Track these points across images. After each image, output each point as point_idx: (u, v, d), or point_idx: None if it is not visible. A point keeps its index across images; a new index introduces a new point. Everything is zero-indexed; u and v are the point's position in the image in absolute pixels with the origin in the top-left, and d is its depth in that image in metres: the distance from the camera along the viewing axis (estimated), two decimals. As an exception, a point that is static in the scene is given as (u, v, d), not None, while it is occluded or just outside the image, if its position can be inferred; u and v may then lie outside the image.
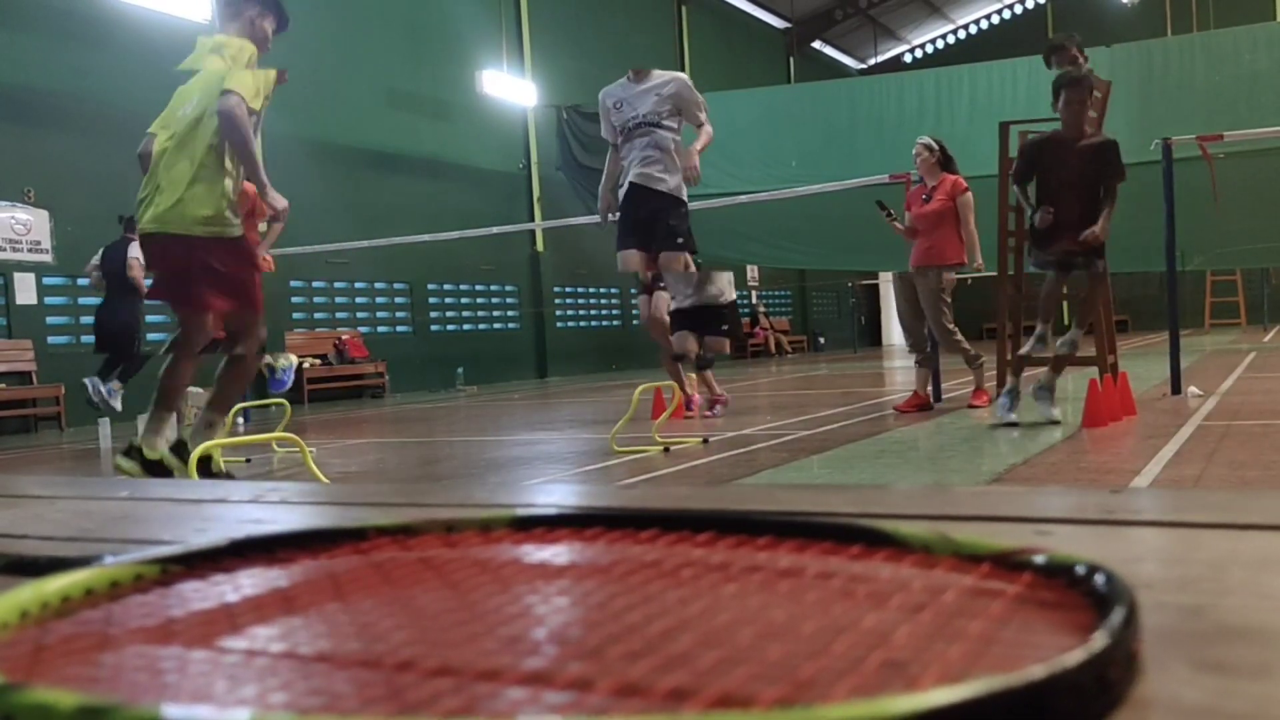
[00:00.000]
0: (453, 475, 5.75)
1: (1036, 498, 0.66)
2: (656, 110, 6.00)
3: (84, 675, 0.34)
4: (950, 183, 7.27)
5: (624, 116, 6.07)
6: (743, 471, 5.09)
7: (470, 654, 0.34)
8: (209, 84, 4.19)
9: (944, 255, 7.20)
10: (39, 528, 0.73)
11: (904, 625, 0.34)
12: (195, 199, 4.09)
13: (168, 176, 4.12)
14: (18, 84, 11.35)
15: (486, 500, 0.77)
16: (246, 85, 4.10)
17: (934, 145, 7.38)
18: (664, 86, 6.04)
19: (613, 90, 6.25)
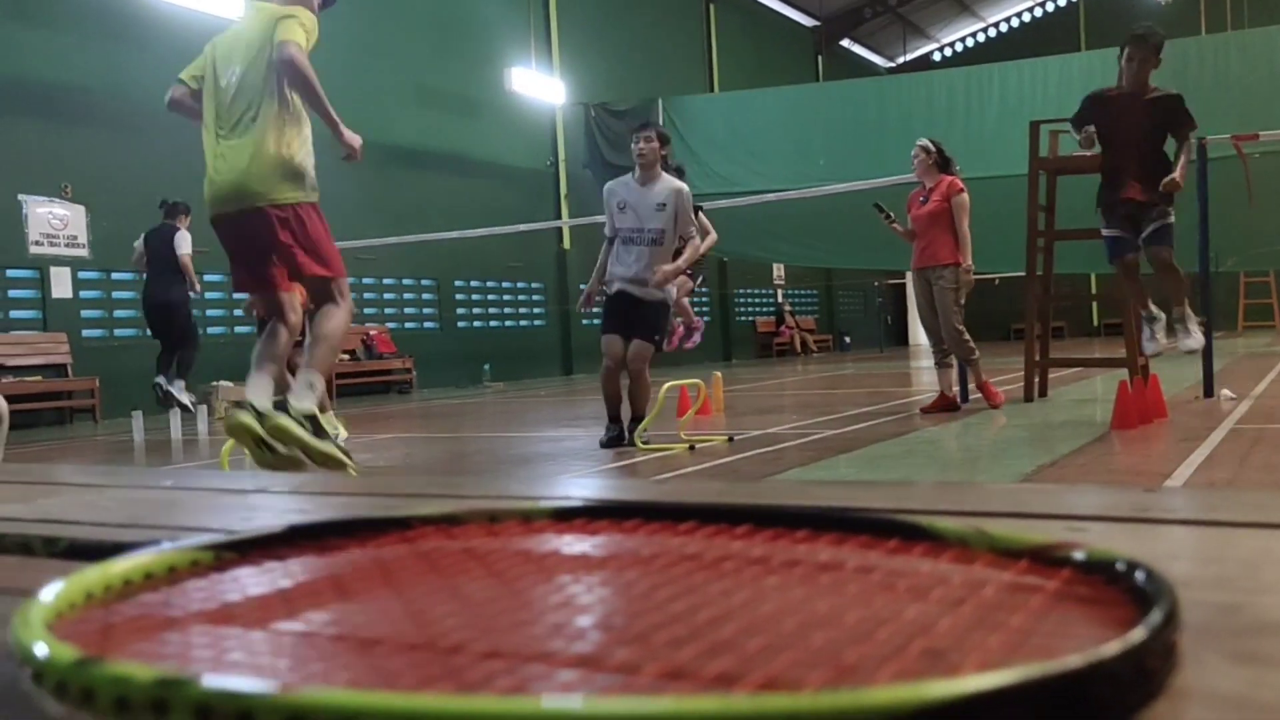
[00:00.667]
0: (480, 470, 5.79)
1: (1070, 495, 0.66)
2: (659, 224, 6.12)
3: (152, 652, 0.35)
4: (946, 184, 7.25)
5: (627, 222, 6.17)
6: (769, 469, 5.09)
7: (519, 639, 0.35)
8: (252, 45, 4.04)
9: (938, 256, 7.18)
10: (91, 514, 0.75)
11: (944, 617, 0.35)
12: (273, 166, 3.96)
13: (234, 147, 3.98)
14: (56, 81, 11.49)
15: (524, 493, 0.78)
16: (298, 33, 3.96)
17: (931, 147, 7.38)
18: (667, 198, 6.13)
19: (616, 189, 6.32)
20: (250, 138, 3.99)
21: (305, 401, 3.98)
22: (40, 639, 0.33)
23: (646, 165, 6.16)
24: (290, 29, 3.98)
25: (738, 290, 23.30)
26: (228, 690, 0.28)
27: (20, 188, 11.23)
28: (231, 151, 4.02)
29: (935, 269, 7.19)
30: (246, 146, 3.99)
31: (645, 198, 6.14)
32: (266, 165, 3.98)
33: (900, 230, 7.49)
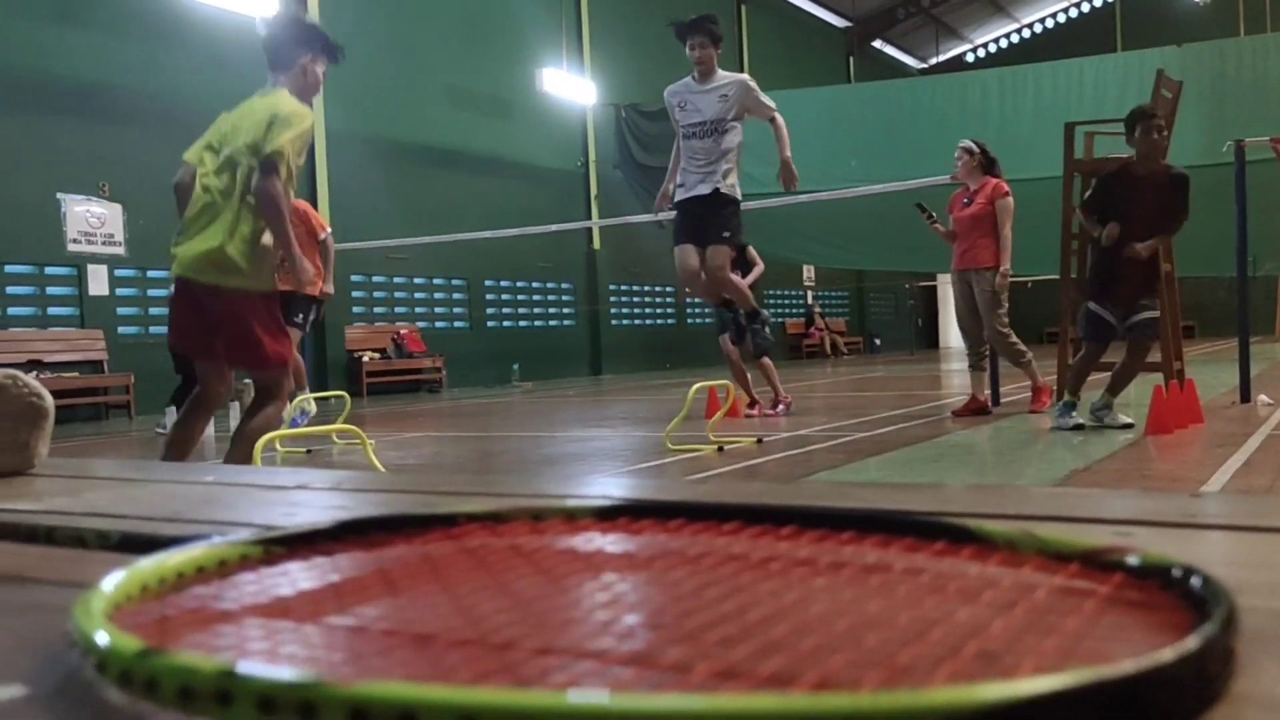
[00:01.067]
0: (509, 470, 5.81)
1: (1115, 499, 0.66)
2: (721, 113, 6.07)
3: (209, 644, 0.36)
4: (991, 186, 7.17)
5: (689, 117, 6.15)
6: (799, 472, 5.08)
7: (571, 636, 0.36)
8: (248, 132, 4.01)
9: (978, 259, 7.10)
10: (136, 508, 0.76)
11: (997, 619, 0.35)
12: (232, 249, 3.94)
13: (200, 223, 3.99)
14: (95, 81, 11.64)
15: (565, 491, 0.78)
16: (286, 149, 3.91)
17: (974, 148, 7.29)
18: (728, 89, 6.09)
19: (677, 89, 6.35)
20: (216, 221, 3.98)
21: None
22: (104, 629, 0.33)
23: (704, 70, 6.20)
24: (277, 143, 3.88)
25: (768, 291, 23.24)
26: (290, 682, 0.28)
27: (59, 186, 11.38)
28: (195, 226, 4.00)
29: (976, 272, 7.12)
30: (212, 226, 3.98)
31: (706, 93, 6.15)
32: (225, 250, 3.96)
33: (941, 231, 7.42)
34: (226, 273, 3.96)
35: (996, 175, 7.29)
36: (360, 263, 14.27)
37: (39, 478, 0.97)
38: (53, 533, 0.53)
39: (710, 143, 6.10)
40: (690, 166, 6.19)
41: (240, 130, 4.05)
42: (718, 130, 6.10)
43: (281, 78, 4.13)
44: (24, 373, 1.02)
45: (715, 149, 6.10)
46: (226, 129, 4.13)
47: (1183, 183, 5.82)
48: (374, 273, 15.10)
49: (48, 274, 11.51)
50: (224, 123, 4.18)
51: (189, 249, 4.02)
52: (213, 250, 3.95)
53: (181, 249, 4.05)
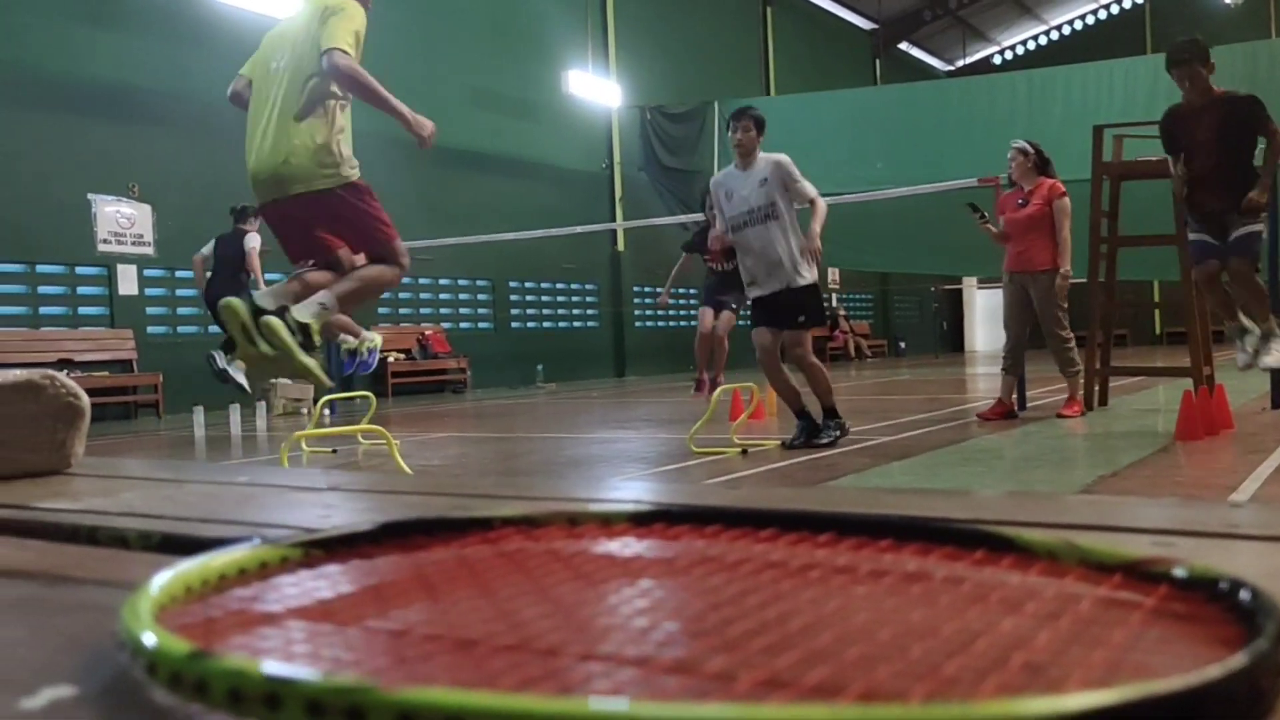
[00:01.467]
0: (534, 471, 5.82)
1: (1154, 509, 0.65)
2: (764, 199, 6.04)
3: (255, 646, 0.36)
4: (1047, 186, 7.09)
5: (735, 208, 6.11)
6: (823, 476, 5.06)
7: (612, 643, 0.36)
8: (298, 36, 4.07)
9: (1035, 261, 7.03)
10: (172, 508, 0.77)
11: (1042, 631, 0.35)
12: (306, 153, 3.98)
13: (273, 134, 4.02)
14: (126, 83, 11.76)
15: (598, 495, 0.78)
16: (345, 37, 3.94)
17: (1029, 148, 7.20)
18: (765, 171, 6.06)
19: (721, 179, 6.31)
20: (287, 127, 4.03)
21: (305, 313, 3.97)
22: (152, 631, 0.33)
23: (745, 153, 6.15)
24: (336, 33, 3.93)
25: (792, 294, 23.16)
26: (340, 686, 0.28)
27: (90, 187, 11.50)
28: (270, 139, 4.06)
29: (1033, 274, 7.04)
30: (284, 135, 4.02)
31: (748, 179, 6.10)
32: (303, 154, 4.00)
33: (993, 232, 7.34)
34: (311, 178, 4.00)
35: (1051, 175, 7.21)
36: (386, 264, 14.31)
37: (76, 477, 0.99)
38: (95, 533, 0.54)
39: (764, 229, 6.04)
40: (751, 262, 6.11)
41: (286, 40, 4.10)
42: (770, 215, 6.05)
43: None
44: (56, 372, 1.03)
45: (772, 235, 6.03)
46: (276, 37, 4.18)
47: (1246, 101, 5.92)
48: (399, 274, 15.15)
49: (79, 274, 11.63)
50: (273, 35, 4.23)
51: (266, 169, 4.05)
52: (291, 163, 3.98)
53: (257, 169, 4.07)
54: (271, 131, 4.06)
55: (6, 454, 0.96)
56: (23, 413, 0.97)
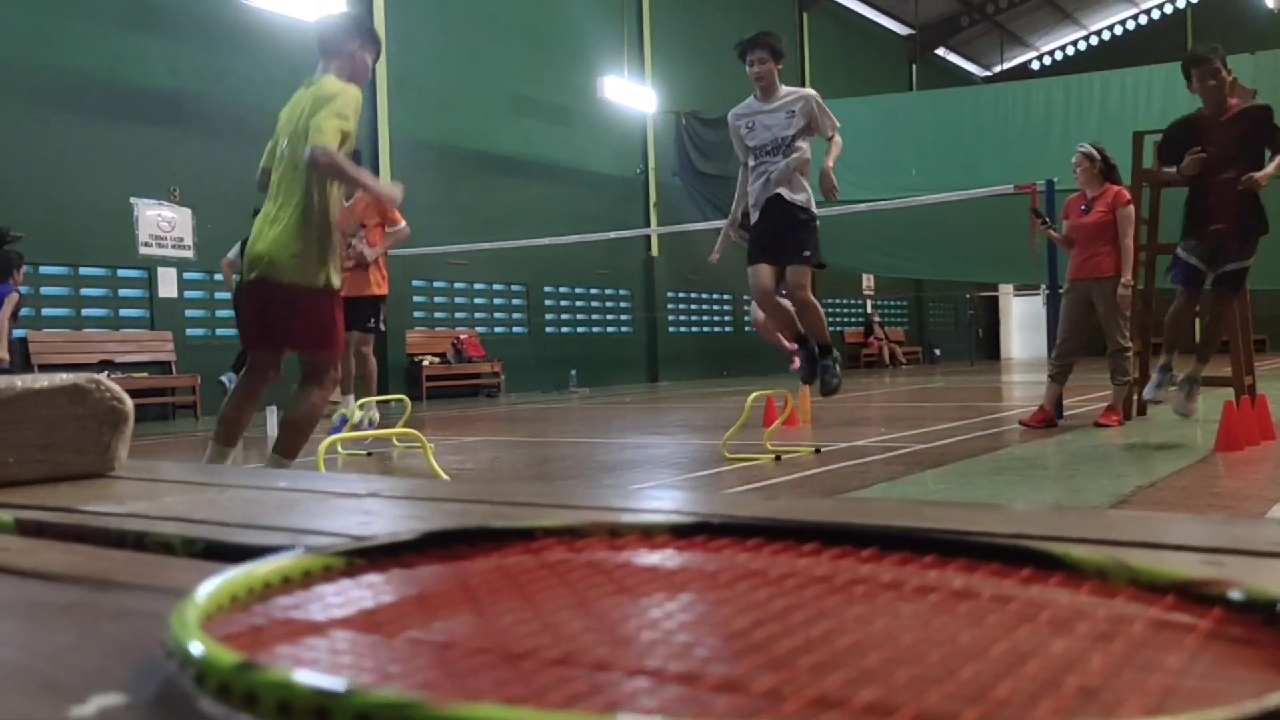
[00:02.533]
0: (567, 476, 5.83)
1: (1203, 525, 0.64)
2: (789, 129, 5.90)
3: (302, 657, 0.36)
4: (1113, 194, 7.00)
5: (756, 137, 5.99)
6: (856, 483, 5.03)
7: (657, 658, 0.35)
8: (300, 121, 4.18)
9: (1101, 268, 6.95)
10: (214, 513, 0.77)
11: (1094, 653, 0.34)
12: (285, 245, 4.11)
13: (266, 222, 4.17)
14: (167, 89, 11.92)
15: (638, 505, 0.78)
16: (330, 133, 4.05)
17: (1095, 154, 7.10)
18: (794, 104, 5.93)
19: (741, 111, 6.17)
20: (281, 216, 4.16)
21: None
22: (200, 641, 0.34)
23: (765, 86, 6.00)
24: (323, 128, 4.03)
25: (826, 300, 23.08)
26: (390, 700, 0.28)
27: (132, 190, 11.67)
28: (265, 222, 4.19)
29: (1098, 281, 6.95)
30: (277, 223, 4.15)
31: (772, 111, 5.95)
32: (289, 246, 4.12)
33: (1057, 237, 7.26)
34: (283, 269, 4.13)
35: (1116, 181, 7.12)
36: (421, 268, 14.43)
37: (120, 480, 1.00)
38: (142, 539, 0.54)
39: (779, 159, 5.92)
40: (759, 186, 6.01)
41: (289, 123, 4.24)
42: (787, 147, 5.92)
43: (332, 64, 4.32)
44: (98, 373, 1.04)
45: (784, 166, 5.91)
46: (280, 125, 4.34)
47: (1261, 111, 5.73)
48: (434, 278, 15.26)
49: (120, 276, 11.79)
50: (284, 117, 4.37)
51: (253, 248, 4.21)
52: (275, 252, 4.12)
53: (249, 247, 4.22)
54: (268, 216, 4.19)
55: (55, 456, 0.98)
56: (69, 415, 0.98)
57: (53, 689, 0.37)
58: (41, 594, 0.52)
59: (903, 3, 25.40)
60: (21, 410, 0.96)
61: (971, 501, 4.11)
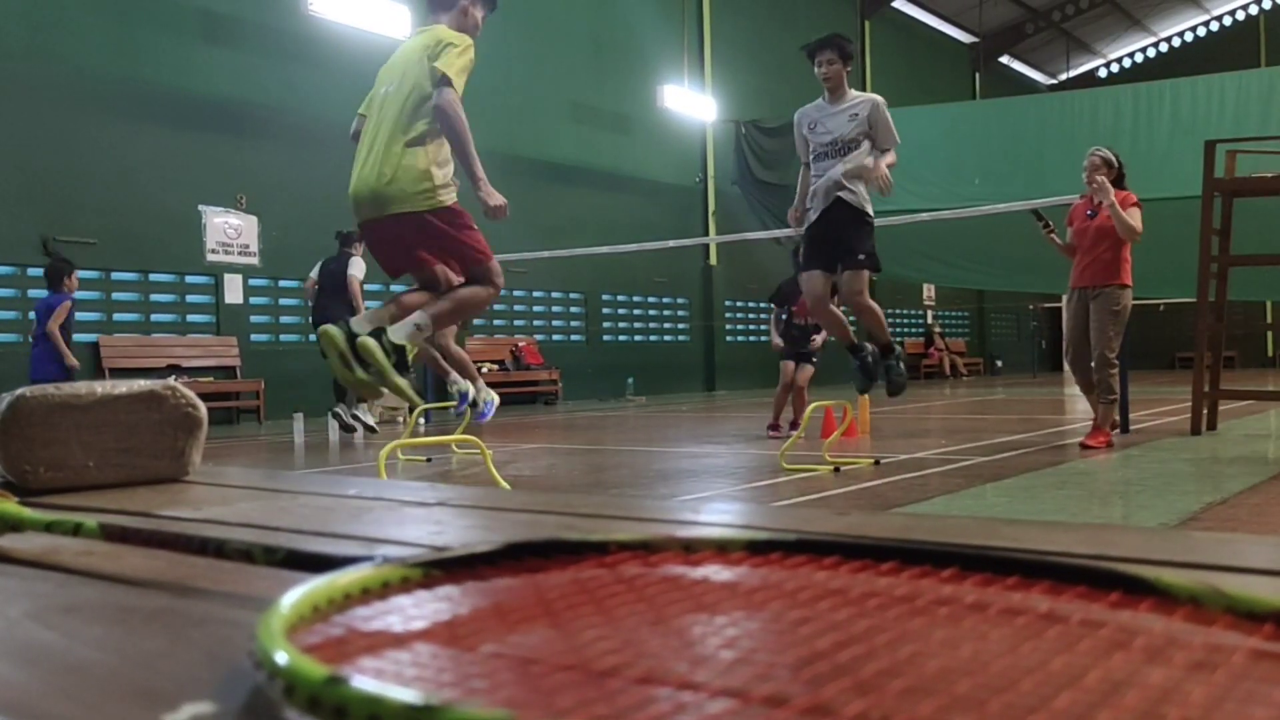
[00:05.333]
0: (623, 484, 5.83)
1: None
2: (850, 132, 5.86)
3: (387, 670, 0.36)
4: (1120, 197, 6.83)
5: (818, 138, 5.96)
6: (915, 496, 4.98)
7: (744, 678, 0.35)
8: (410, 61, 4.16)
9: (1105, 275, 6.75)
10: (287, 520, 0.78)
11: (1195, 684, 0.33)
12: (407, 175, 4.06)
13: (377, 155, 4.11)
14: (234, 98, 12.16)
15: (710, 519, 0.78)
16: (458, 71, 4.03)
17: (1114, 160, 6.95)
18: (859, 107, 5.90)
19: (808, 111, 6.15)
20: (391, 148, 4.11)
21: (400, 334, 4.05)
22: (289, 653, 0.34)
23: (833, 87, 5.97)
24: (450, 61, 4.02)
25: (886, 310, 22.88)
26: (480, 717, 0.28)
27: (200, 198, 11.92)
28: (374, 160, 4.16)
29: (1099, 289, 6.79)
30: (388, 157, 4.11)
31: (836, 114, 5.93)
32: (403, 176, 4.09)
33: (1059, 244, 7.11)
34: (407, 199, 4.08)
35: (1123, 188, 6.95)
36: (481, 275, 14.52)
37: (194, 485, 1.02)
38: (223, 546, 0.55)
39: (839, 161, 5.88)
40: (818, 186, 5.97)
41: (397, 67, 4.21)
42: (847, 148, 5.88)
43: (442, 16, 4.28)
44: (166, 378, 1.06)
45: (844, 168, 5.86)
46: (386, 68, 4.30)
47: None
48: (494, 286, 15.37)
49: (188, 282, 12.04)
50: (385, 70, 4.34)
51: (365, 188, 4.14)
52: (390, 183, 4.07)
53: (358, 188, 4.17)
54: (376, 153, 4.15)
55: (132, 460, 1.00)
56: (146, 421, 1.00)
57: (147, 695, 0.37)
58: (129, 599, 0.53)
59: (966, 10, 25.12)
60: (101, 415, 0.98)
61: (1040, 519, 4.05)
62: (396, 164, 4.09)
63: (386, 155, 4.11)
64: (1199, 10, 27.63)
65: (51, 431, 0.95)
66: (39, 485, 0.95)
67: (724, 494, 5.34)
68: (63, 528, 0.62)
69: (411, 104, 4.13)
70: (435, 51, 4.10)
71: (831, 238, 5.81)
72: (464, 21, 4.30)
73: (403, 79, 4.19)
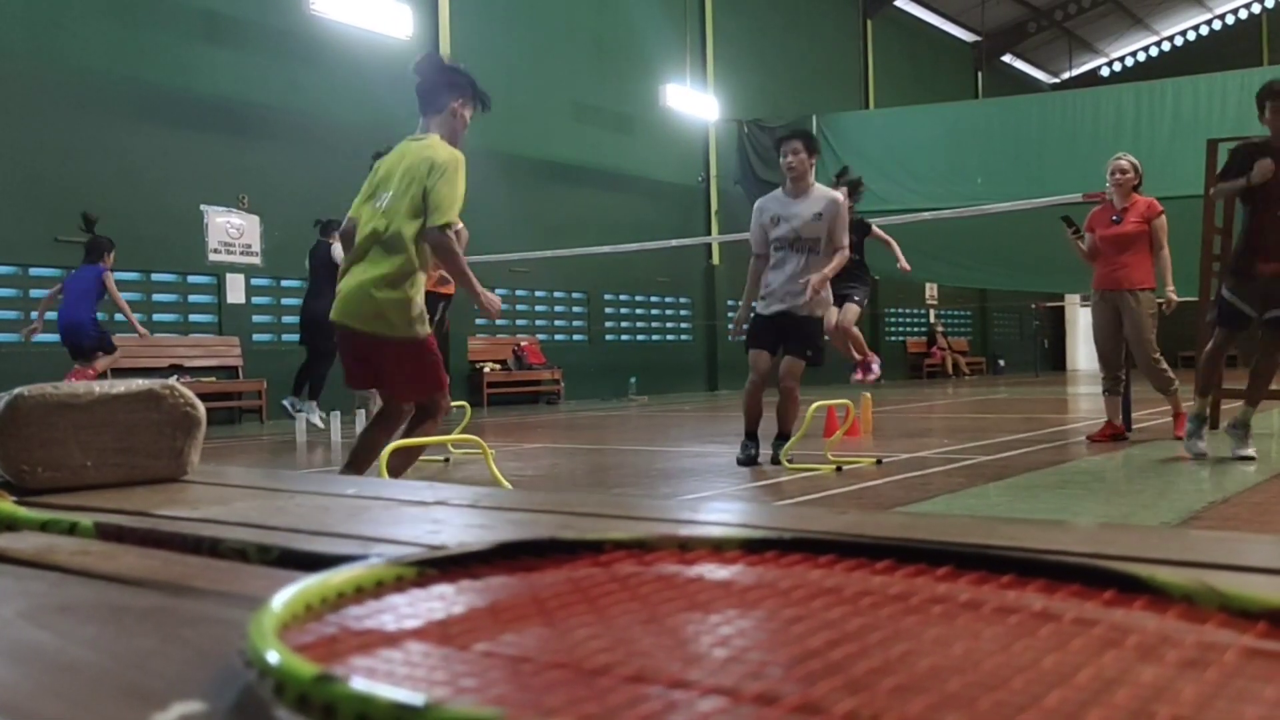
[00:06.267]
0: (625, 483, 5.83)
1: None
2: (814, 233, 5.96)
3: (378, 670, 0.36)
4: (1145, 204, 6.86)
5: (778, 231, 6.03)
6: (917, 495, 4.98)
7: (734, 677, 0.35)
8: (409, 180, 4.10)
9: (1131, 279, 6.80)
10: (284, 520, 0.78)
11: (1186, 682, 0.33)
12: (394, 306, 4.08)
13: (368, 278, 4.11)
14: (237, 98, 12.17)
15: (707, 518, 0.78)
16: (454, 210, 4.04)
17: (1139, 166, 6.99)
18: (823, 206, 5.98)
19: (768, 204, 6.18)
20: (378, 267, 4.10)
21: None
22: (279, 651, 0.34)
23: (797, 178, 6.01)
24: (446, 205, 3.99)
25: (889, 310, 22.90)
26: (468, 716, 0.28)
27: (202, 198, 11.93)
28: (361, 272, 4.13)
29: (1129, 293, 6.81)
30: (374, 272, 4.09)
31: (800, 209, 5.99)
32: (390, 306, 4.09)
33: (1083, 250, 7.12)
34: (385, 325, 4.09)
35: (1142, 193, 6.99)
36: (483, 275, 14.40)
37: (192, 485, 1.02)
38: (217, 545, 0.55)
39: (804, 259, 5.95)
40: (776, 282, 6.03)
41: (394, 177, 4.15)
42: (813, 250, 5.95)
43: (433, 121, 4.26)
44: (168, 378, 1.07)
45: (805, 262, 5.94)
46: (381, 177, 4.24)
47: None
48: (496, 285, 15.36)
49: (190, 282, 12.05)
50: (379, 172, 4.29)
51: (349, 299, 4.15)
52: (372, 303, 4.08)
53: (342, 297, 4.19)
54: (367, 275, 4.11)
55: (130, 460, 1.00)
56: (145, 420, 1.00)
57: (137, 694, 0.37)
58: (122, 598, 0.53)
59: (969, 9, 25.11)
60: (99, 415, 0.98)
61: (1042, 518, 4.04)
62: (386, 293, 4.09)
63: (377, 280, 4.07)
64: (1201, 9, 27.61)
65: (49, 431, 0.95)
66: (36, 485, 0.95)
67: (725, 493, 5.35)
68: (58, 527, 0.62)
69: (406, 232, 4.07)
70: (430, 184, 4.04)
71: (782, 331, 6.05)
72: (453, 123, 4.26)
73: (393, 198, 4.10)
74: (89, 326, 8.97)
